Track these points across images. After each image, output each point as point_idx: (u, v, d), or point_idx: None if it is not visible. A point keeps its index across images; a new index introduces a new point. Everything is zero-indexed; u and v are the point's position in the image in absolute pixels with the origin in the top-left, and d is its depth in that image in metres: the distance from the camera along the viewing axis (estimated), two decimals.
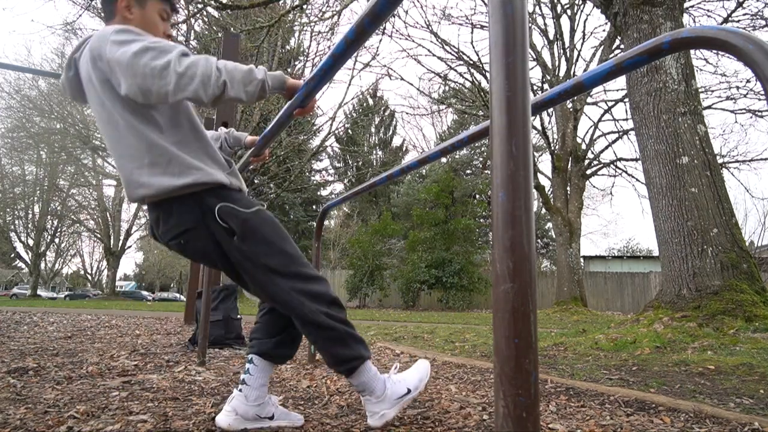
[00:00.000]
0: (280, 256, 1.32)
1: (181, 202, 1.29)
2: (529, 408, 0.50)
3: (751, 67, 0.70)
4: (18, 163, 22.85)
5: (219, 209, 1.28)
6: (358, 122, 25.40)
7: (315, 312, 1.31)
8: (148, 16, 1.39)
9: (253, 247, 1.30)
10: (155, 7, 1.42)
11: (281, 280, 1.31)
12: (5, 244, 26.48)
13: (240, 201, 1.33)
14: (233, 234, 1.29)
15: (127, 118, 1.25)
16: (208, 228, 1.29)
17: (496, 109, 0.56)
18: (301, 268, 1.35)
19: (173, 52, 1.16)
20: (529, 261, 0.52)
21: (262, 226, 1.32)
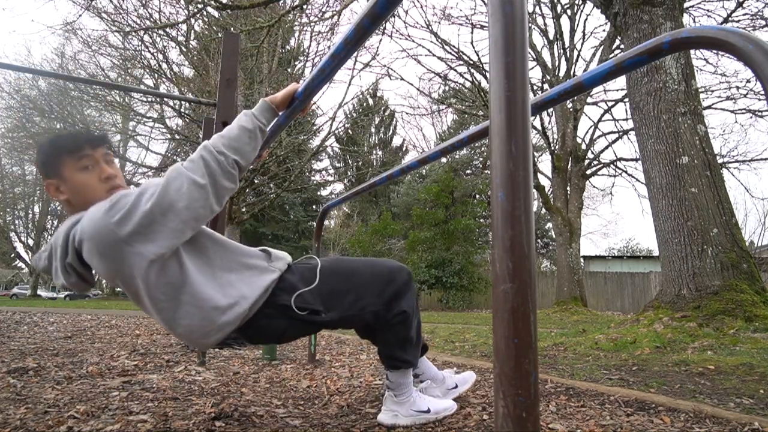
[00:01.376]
0: (362, 298, 1.37)
1: (260, 317, 1.26)
2: (529, 408, 0.50)
3: (751, 67, 0.70)
4: (18, 163, 22.86)
5: (294, 304, 1.27)
6: (358, 122, 25.38)
7: (403, 329, 1.44)
8: (74, 183, 1.21)
9: (339, 309, 1.34)
10: (75, 164, 1.21)
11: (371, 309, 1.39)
12: (5, 244, 26.48)
13: (299, 280, 1.32)
14: (318, 312, 1.30)
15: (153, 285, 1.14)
16: (299, 320, 1.29)
17: (496, 109, 0.56)
18: (380, 287, 1.40)
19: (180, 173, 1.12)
20: (529, 261, 0.52)
21: (334, 287, 1.35)
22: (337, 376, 2.28)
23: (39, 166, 1.26)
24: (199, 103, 3.32)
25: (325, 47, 13.04)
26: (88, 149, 1.23)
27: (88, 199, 1.21)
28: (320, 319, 1.30)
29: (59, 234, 1.18)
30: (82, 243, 1.11)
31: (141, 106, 14.78)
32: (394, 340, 1.44)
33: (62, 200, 1.24)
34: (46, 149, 1.24)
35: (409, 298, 1.45)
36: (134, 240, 1.07)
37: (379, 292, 1.39)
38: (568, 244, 12.25)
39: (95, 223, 1.08)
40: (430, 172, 21.07)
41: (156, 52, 12.56)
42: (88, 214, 1.13)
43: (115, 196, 1.12)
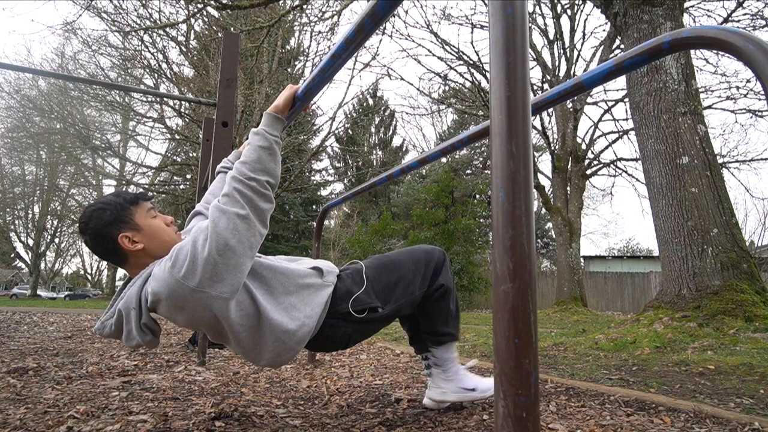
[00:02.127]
0: (410, 283, 1.48)
1: (325, 329, 1.35)
2: (529, 408, 0.50)
3: (751, 67, 0.70)
4: (18, 163, 22.85)
5: (352, 308, 1.36)
6: (358, 122, 25.39)
7: (449, 300, 1.56)
8: (149, 228, 1.29)
9: (395, 299, 1.45)
10: (144, 213, 1.31)
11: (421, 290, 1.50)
12: (5, 244, 26.48)
13: (351, 284, 1.42)
14: (376, 309, 1.40)
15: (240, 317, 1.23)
16: (360, 322, 1.39)
17: (496, 109, 0.56)
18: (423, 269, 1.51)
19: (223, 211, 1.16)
20: (529, 261, 0.52)
21: (383, 283, 1.45)
22: (337, 376, 2.28)
23: (107, 225, 1.25)
24: (199, 103, 3.33)
25: (325, 47, 13.05)
26: (147, 201, 1.35)
27: (166, 241, 1.29)
28: (379, 315, 1.40)
29: (130, 298, 1.21)
30: (158, 302, 1.16)
31: (141, 106, 14.79)
32: (437, 315, 1.54)
33: (137, 251, 1.26)
34: (111, 206, 1.27)
35: (446, 273, 1.56)
36: (205, 287, 1.12)
37: (423, 274, 1.50)
38: (568, 244, 12.25)
39: (165, 282, 1.13)
40: (430, 172, 21.06)
41: (156, 52, 12.56)
42: (155, 275, 1.17)
43: (173, 251, 1.16)
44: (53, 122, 16.19)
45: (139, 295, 1.19)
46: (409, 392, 1.89)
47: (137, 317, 1.19)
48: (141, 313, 1.19)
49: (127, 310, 1.21)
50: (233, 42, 2.82)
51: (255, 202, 1.20)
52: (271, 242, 24.68)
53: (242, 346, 1.26)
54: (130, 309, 1.20)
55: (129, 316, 1.20)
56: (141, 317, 1.19)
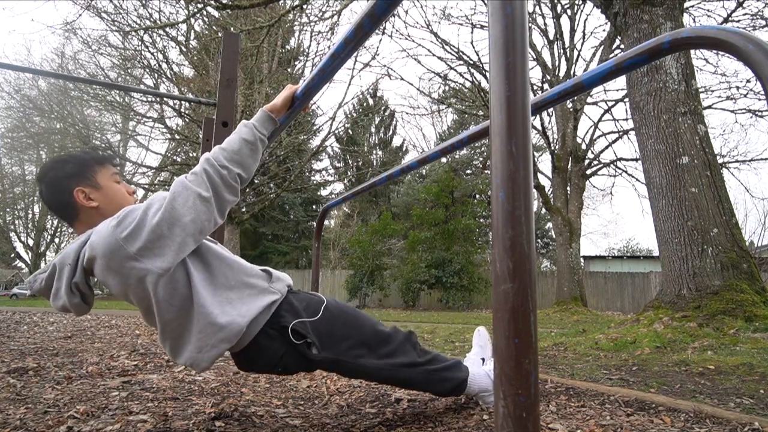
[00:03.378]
0: (361, 345, 1.35)
1: (261, 336, 1.25)
2: (529, 408, 0.50)
3: (751, 67, 0.70)
4: (18, 163, 22.86)
5: (292, 330, 1.25)
6: (358, 122, 25.39)
7: (407, 376, 1.40)
8: (108, 190, 1.26)
9: (335, 348, 1.31)
10: (108, 175, 1.28)
11: (367, 363, 1.35)
12: (5, 244, 26.49)
13: (303, 307, 1.32)
14: (311, 346, 1.28)
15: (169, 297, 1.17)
16: (296, 349, 1.27)
17: (496, 109, 0.56)
18: (380, 343, 1.38)
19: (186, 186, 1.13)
20: (529, 261, 0.52)
21: (334, 325, 1.32)
22: (337, 376, 2.28)
23: (66, 177, 1.24)
24: (199, 103, 3.33)
25: (325, 47, 13.05)
26: (113, 166, 1.32)
27: (122, 206, 1.23)
28: (313, 355, 1.27)
29: (68, 253, 1.18)
30: (94, 260, 1.12)
31: (141, 106, 14.79)
32: (425, 383, 1.44)
33: (90, 207, 1.24)
34: (75, 160, 1.27)
35: (408, 352, 1.42)
36: (142, 255, 1.08)
37: (376, 348, 1.37)
38: (568, 244, 12.25)
39: (105, 240, 1.10)
40: (430, 172, 21.07)
41: (156, 52, 12.56)
42: (96, 231, 1.14)
43: (122, 211, 1.13)
44: (53, 122, 16.19)
45: (78, 251, 1.16)
46: (409, 392, 1.89)
47: (70, 275, 1.15)
48: (75, 271, 1.15)
49: (62, 265, 1.17)
50: (233, 42, 2.82)
51: (219, 190, 1.16)
52: (271, 242, 24.69)
53: (166, 332, 1.20)
54: (65, 265, 1.16)
55: (62, 272, 1.17)
56: (74, 275, 1.15)
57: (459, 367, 1.50)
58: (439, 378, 1.44)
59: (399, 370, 1.38)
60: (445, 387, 1.46)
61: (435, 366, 1.44)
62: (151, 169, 16.59)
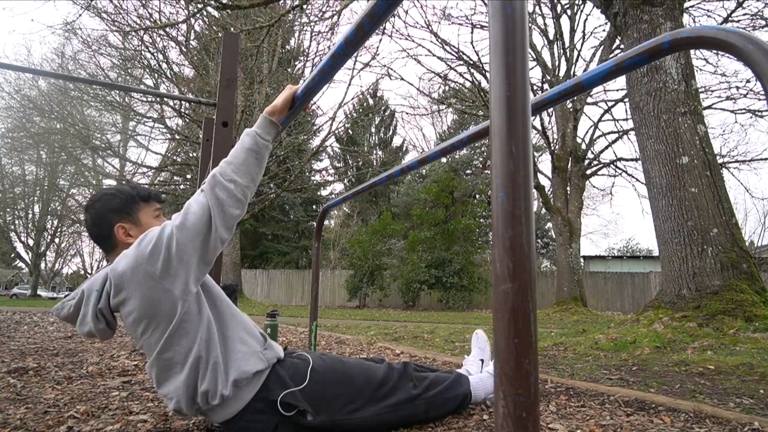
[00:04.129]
0: (356, 397, 1.33)
1: (249, 410, 1.23)
2: (529, 408, 0.50)
3: (751, 67, 0.70)
4: (18, 163, 22.84)
5: (281, 403, 1.23)
6: (358, 122, 25.39)
7: (408, 413, 1.39)
8: (147, 227, 1.29)
9: (330, 409, 1.29)
10: (150, 212, 1.34)
11: (364, 414, 1.33)
12: (5, 244, 26.47)
13: (290, 375, 1.29)
14: (305, 413, 1.26)
15: None
16: (289, 420, 1.25)
17: (496, 109, 0.56)
18: (374, 390, 1.36)
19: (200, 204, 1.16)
20: (529, 261, 0.52)
21: (326, 387, 1.31)
22: None
23: (110, 211, 1.28)
24: (199, 103, 3.32)
25: (325, 47, 13.05)
26: (158, 202, 1.38)
27: None
28: (308, 422, 1.25)
29: (96, 279, 1.21)
30: (121, 283, 1.15)
31: (141, 106, 14.79)
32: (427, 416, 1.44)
33: (128, 243, 1.26)
34: (122, 196, 1.30)
35: (404, 388, 1.41)
36: (163, 277, 1.12)
37: (372, 396, 1.35)
38: (568, 244, 12.25)
39: (127, 261, 1.15)
40: (430, 172, 21.07)
41: (156, 52, 12.56)
42: (120, 257, 1.19)
43: (142, 235, 1.18)
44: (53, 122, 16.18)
45: (105, 278, 1.19)
46: None
47: (96, 301, 1.18)
48: (101, 296, 1.18)
49: (89, 291, 1.20)
50: (233, 42, 2.82)
51: (226, 206, 1.18)
52: (271, 242, 24.69)
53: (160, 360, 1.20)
54: (92, 291, 1.19)
55: (89, 297, 1.19)
56: (99, 301, 1.18)
57: (459, 382, 1.52)
58: (441, 402, 1.45)
59: (399, 408, 1.37)
60: (449, 408, 1.48)
61: (434, 391, 1.44)
62: (151, 169, 16.59)
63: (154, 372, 1.23)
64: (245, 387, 1.22)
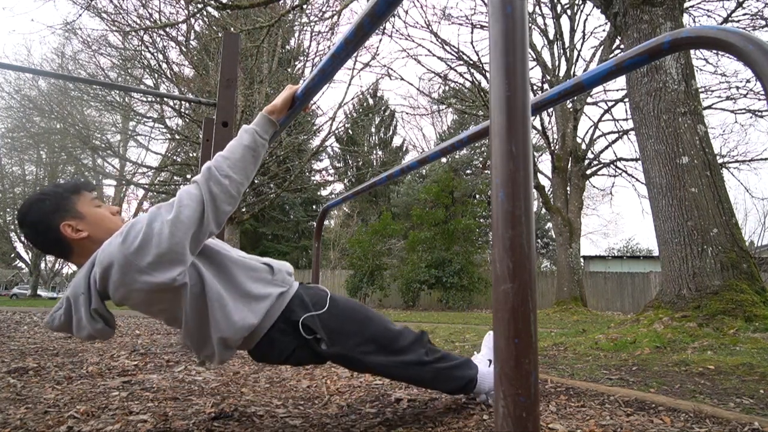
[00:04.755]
0: (370, 342, 1.37)
1: (273, 331, 1.29)
2: (529, 408, 0.50)
3: (751, 67, 0.70)
4: (18, 163, 22.84)
5: (302, 325, 1.29)
6: (358, 122, 25.38)
7: (416, 374, 1.42)
8: (92, 216, 1.25)
9: (343, 344, 1.34)
10: (87, 202, 1.27)
11: (375, 359, 1.37)
12: (5, 244, 26.48)
13: (310, 298, 1.35)
14: (320, 342, 1.31)
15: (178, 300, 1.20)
16: (306, 344, 1.31)
17: (496, 109, 0.56)
18: (392, 342, 1.40)
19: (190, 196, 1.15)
20: (529, 261, 0.52)
21: (345, 319, 1.36)
22: (337, 376, 2.28)
23: (47, 215, 1.22)
24: (199, 103, 3.32)
25: (325, 47, 13.03)
26: (89, 191, 1.30)
27: (110, 228, 1.24)
28: (322, 350, 1.31)
29: (78, 283, 1.17)
30: (106, 280, 1.12)
31: (141, 106, 14.78)
32: (431, 384, 1.47)
33: (81, 239, 1.23)
34: (51, 196, 1.24)
35: (416, 351, 1.43)
36: (154, 269, 1.09)
37: (386, 344, 1.39)
38: (568, 244, 12.25)
39: (113, 257, 1.10)
40: (430, 172, 21.07)
41: (156, 52, 12.55)
42: (102, 250, 1.14)
43: (125, 227, 1.14)
44: (53, 122, 16.18)
45: (87, 278, 1.15)
46: (409, 392, 1.89)
47: (86, 303, 1.15)
48: (90, 297, 1.15)
49: (75, 296, 1.16)
50: (233, 42, 2.82)
51: (218, 202, 1.17)
52: (271, 242, 24.69)
53: (187, 333, 1.24)
54: (79, 295, 1.15)
55: (78, 302, 1.16)
56: (90, 302, 1.15)
57: (468, 365, 1.52)
58: (448, 376, 1.46)
59: (407, 367, 1.40)
60: (454, 385, 1.49)
61: (444, 364, 1.46)
62: (151, 169, 16.59)
63: (189, 342, 1.27)
64: (270, 310, 1.27)
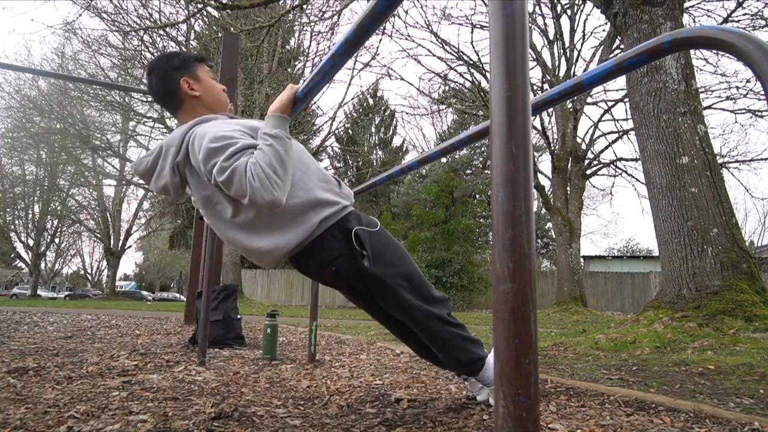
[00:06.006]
0: (404, 277, 1.44)
1: (327, 234, 1.38)
2: (529, 408, 0.50)
3: (751, 67, 0.70)
4: (18, 163, 22.85)
5: (355, 234, 1.38)
6: (358, 122, 25.39)
7: (437, 327, 1.46)
8: (207, 83, 1.47)
9: (382, 268, 1.40)
10: (204, 73, 1.49)
11: (406, 296, 1.43)
12: (5, 244, 26.48)
13: (365, 219, 1.46)
14: (365, 256, 1.39)
15: None
16: (351, 252, 1.39)
17: (496, 109, 0.56)
18: (423, 288, 1.48)
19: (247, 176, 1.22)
20: (529, 261, 0.52)
21: (388, 247, 1.46)
22: (337, 376, 2.28)
23: (173, 68, 1.42)
24: None
25: (325, 47, 13.06)
26: (208, 66, 1.52)
27: (218, 98, 1.48)
28: (364, 266, 1.37)
29: (174, 136, 1.33)
30: (193, 147, 1.27)
31: (141, 106, 14.79)
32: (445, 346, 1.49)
33: (193, 97, 1.43)
34: (180, 56, 1.47)
35: (442, 309, 1.49)
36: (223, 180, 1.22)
37: (419, 287, 1.45)
38: (568, 244, 12.25)
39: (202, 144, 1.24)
40: (430, 172, 21.06)
41: (156, 52, 12.55)
42: (202, 129, 1.29)
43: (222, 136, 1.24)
44: (53, 122, 16.19)
45: (184, 135, 1.31)
46: (409, 392, 1.89)
47: (174, 155, 1.30)
48: (179, 152, 1.31)
49: (168, 146, 1.33)
50: (233, 42, 2.82)
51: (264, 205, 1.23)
52: None
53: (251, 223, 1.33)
54: (171, 146, 1.32)
55: (168, 152, 1.32)
56: (178, 155, 1.31)
57: (481, 346, 1.56)
58: (462, 345, 1.50)
59: (431, 319, 1.45)
60: (465, 356, 1.51)
61: (462, 332, 1.51)
62: None
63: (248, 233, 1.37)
64: (331, 216, 1.37)
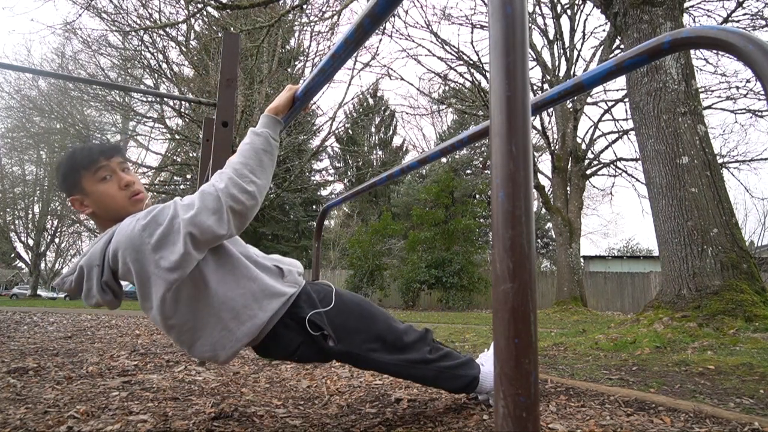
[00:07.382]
0: (375, 339, 1.38)
1: (279, 326, 1.29)
2: (529, 408, 0.50)
3: (751, 67, 0.70)
4: (18, 163, 22.86)
5: (309, 321, 1.29)
6: (358, 122, 25.40)
7: (420, 372, 1.44)
8: (96, 197, 1.26)
9: (348, 342, 1.34)
10: (93, 181, 1.26)
11: (380, 357, 1.39)
12: (5, 244, 26.47)
13: (319, 298, 1.35)
14: (327, 337, 1.32)
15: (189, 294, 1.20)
16: (313, 340, 1.31)
17: (496, 109, 0.56)
18: (397, 340, 1.42)
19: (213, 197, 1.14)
20: (529, 261, 0.52)
21: (350, 314, 1.38)
22: (337, 376, 2.28)
23: (60, 186, 1.30)
24: (199, 103, 3.33)
25: (325, 47, 13.05)
26: (103, 160, 1.27)
27: (113, 208, 1.26)
28: (329, 347, 1.31)
29: (94, 254, 1.20)
30: (117, 261, 1.15)
31: (141, 106, 14.79)
32: (434, 383, 1.48)
33: (89, 213, 1.28)
34: (64, 168, 1.28)
35: (420, 350, 1.45)
36: (169, 268, 1.11)
37: (391, 342, 1.40)
38: (568, 244, 12.24)
39: (131, 241, 1.13)
40: (430, 172, 21.07)
41: (156, 52, 12.56)
42: (121, 230, 1.17)
43: (150, 215, 1.14)
44: (53, 122, 16.19)
45: (103, 252, 1.19)
46: (409, 392, 1.89)
47: (98, 275, 1.19)
48: (103, 271, 1.18)
49: (89, 266, 1.20)
50: (233, 42, 2.82)
51: (242, 208, 1.17)
52: (271, 242, 24.67)
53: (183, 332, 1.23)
54: (93, 266, 1.19)
55: (91, 273, 1.20)
56: (102, 275, 1.18)
57: (471, 365, 1.54)
58: (451, 375, 1.48)
59: (411, 366, 1.42)
60: (457, 384, 1.50)
61: (447, 363, 1.48)
62: (151, 169, 16.60)
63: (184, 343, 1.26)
64: (279, 307, 1.27)
